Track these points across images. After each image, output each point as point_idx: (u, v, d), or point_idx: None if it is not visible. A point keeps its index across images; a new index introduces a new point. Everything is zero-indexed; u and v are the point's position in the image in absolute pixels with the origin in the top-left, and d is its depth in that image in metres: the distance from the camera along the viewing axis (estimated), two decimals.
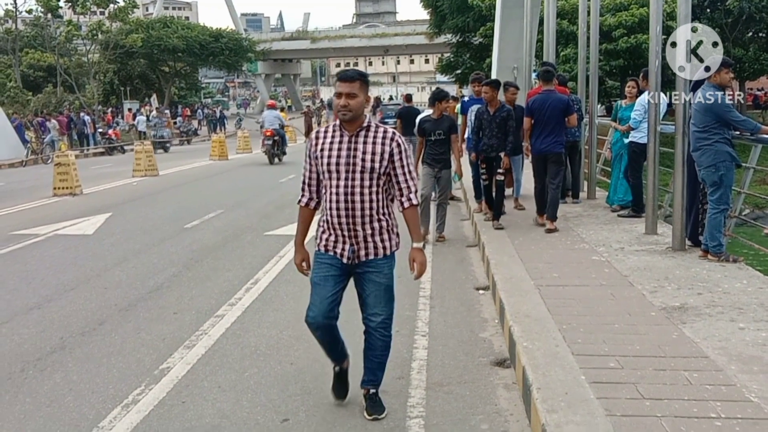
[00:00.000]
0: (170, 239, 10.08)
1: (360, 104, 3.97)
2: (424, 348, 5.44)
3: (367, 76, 4.08)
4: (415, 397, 4.54)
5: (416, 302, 6.63)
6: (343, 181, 3.98)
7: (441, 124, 9.05)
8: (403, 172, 4.06)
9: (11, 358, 5.44)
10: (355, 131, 4.02)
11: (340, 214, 4.00)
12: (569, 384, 4.17)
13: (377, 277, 4.11)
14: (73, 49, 45.64)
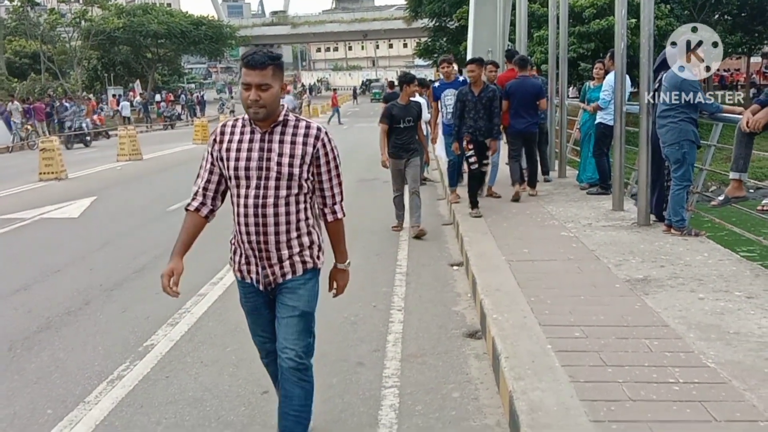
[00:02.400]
0: (154, 222, 10.06)
1: (274, 96, 3.04)
2: (400, 322, 5.50)
3: (280, 57, 3.13)
4: (390, 368, 4.60)
5: (392, 278, 6.70)
6: (254, 190, 3.09)
7: (410, 111, 8.38)
8: (329, 178, 3.23)
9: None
10: (269, 127, 3.12)
11: (249, 231, 3.13)
12: (536, 353, 4.25)
13: (290, 300, 3.22)
14: (56, 36, 45.01)
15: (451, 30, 39.29)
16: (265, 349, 3.49)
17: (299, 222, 3.19)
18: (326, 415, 3.97)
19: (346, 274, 3.49)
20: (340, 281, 3.46)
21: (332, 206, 3.30)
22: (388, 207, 10.82)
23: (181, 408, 4.11)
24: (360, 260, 7.39)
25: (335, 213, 3.32)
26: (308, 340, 3.30)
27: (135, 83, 48.98)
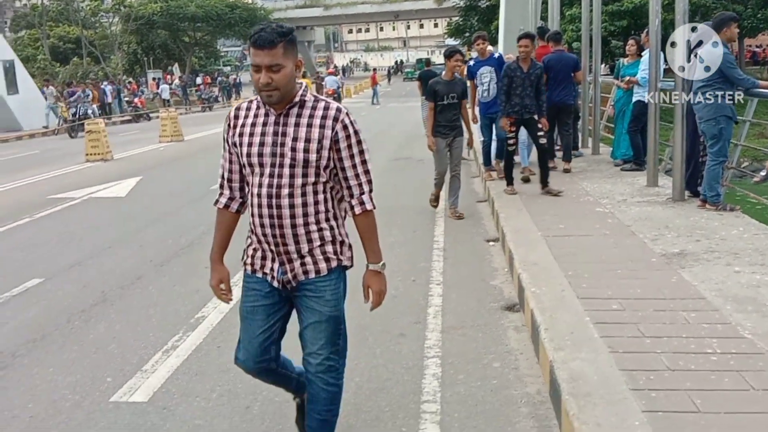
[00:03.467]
0: (198, 200, 10.21)
1: (288, 77, 2.66)
2: (439, 295, 5.55)
3: (291, 32, 2.69)
4: (431, 339, 4.66)
5: (430, 254, 6.74)
6: (267, 178, 2.74)
7: (454, 87, 7.91)
8: (353, 164, 2.80)
9: (58, 310, 5.60)
10: (284, 109, 2.75)
11: (263, 223, 2.77)
12: (575, 325, 4.27)
13: (316, 304, 2.87)
14: (98, 21, 45.51)
15: (482, 9, 38.92)
16: (244, 367, 3.05)
17: (318, 214, 2.79)
18: (371, 383, 4.05)
19: (381, 278, 2.93)
20: (374, 285, 2.92)
21: (359, 196, 2.83)
22: (423, 185, 10.84)
23: (233, 376, 4.21)
24: (398, 237, 7.48)
25: (363, 204, 2.84)
26: (338, 343, 2.94)
27: (173, 66, 49.33)
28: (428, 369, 4.20)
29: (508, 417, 3.59)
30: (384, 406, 3.76)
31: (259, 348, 2.96)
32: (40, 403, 4.00)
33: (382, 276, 2.96)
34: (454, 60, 7.97)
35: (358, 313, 5.14)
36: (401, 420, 3.61)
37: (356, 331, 4.82)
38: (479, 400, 3.79)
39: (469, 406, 3.72)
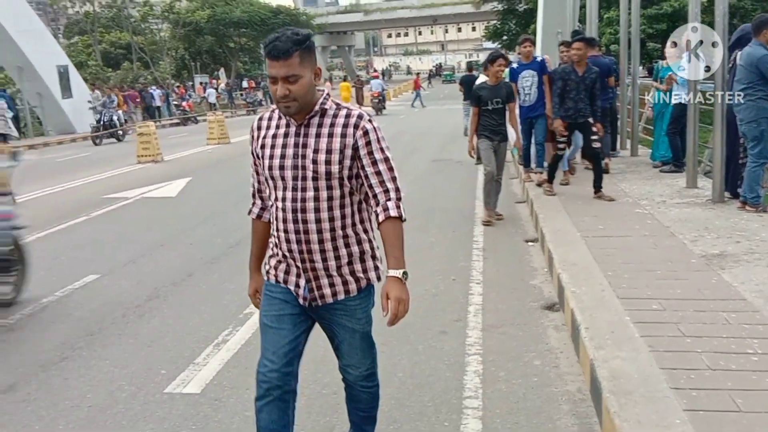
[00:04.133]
0: (244, 200, 10.24)
1: (306, 87, 2.50)
2: (479, 294, 5.56)
3: (308, 38, 2.52)
4: (472, 337, 4.67)
5: (470, 253, 6.74)
6: (291, 192, 2.60)
7: (499, 92, 7.68)
8: (376, 171, 2.60)
9: (113, 305, 5.74)
10: (304, 119, 2.59)
11: (290, 239, 2.63)
12: (615, 324, 4.25)
13: (349, 322, 2.76)
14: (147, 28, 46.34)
15: (520, 12, 38.64)
16: (267, 381, 2.71)
17: (346, 228, 2.64)
18: (414, 378, 4.08)
19: (401, 287, 2.57)
20: (393, 291, 2.55)
21: (384, 203, 2.60)
22: (462, 185, 10.88)
23: None
24: (437, 237, 7.50)
25: (387, 210, 2.59)
26: (373, 354, 2.92)
27: (219, 71, 49.95)
28: (469, 366, 4.21)
29: (549, 414, 3.59)
30: (427, 401, 3.79)
31: (285, 358, 2.70)
32: (99, 394, 4.11)
33: (404, 285, 2.58)
34: (497, 65, 7.76)
35: None
36: (444, 414, 3.63)
37: (398, 328, 4.76)
38: (520, 396, 3.79)
39: (511, 402, 3.73)
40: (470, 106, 8.07)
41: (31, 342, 5.02)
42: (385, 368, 4.20)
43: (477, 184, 10.75)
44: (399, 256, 2.59)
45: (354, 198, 2.66)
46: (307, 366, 4.30)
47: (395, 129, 22.89)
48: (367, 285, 2.75)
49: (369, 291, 2.78)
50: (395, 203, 2.62)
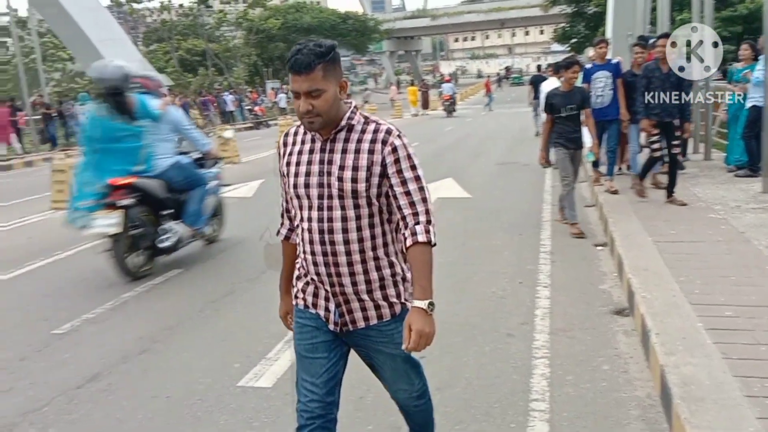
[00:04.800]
0: None
1: (330, 102, 2.34)
2: (547, 297, 5.48)
3: (332, 50, 2.34)
4: (539, 340, 4.61)
5: (537, 257, 6.66)
6: (317, 212, 2.43)
7: (573, 98, 7.30)
8: (405, 191, 2.39)
9: (191, 299, 5.92)
10: (330, 134, 2.43)
11: (317, 261, 2.46)
12: (687, 330, 4.13)
13: (386, 347, 2.58)
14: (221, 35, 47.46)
15: (589, 15, 37.90)
16: (308, 411, 2.54)
17: (376, 249, 2.46)
18: (481, 380, 4.06)
19: (425, 319, 2.33)
20: (415, 323, 2.32)
21: (413, 226, 2.37)
22: (528, 188, 10.76)
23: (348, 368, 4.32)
24: (504, 239, 7.45)
25: (414, 235, 2.36)
26: (420, 373, 2.74)
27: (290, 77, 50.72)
28: (536, 369, 4.17)
29: (617, 419, 3.52)
30: (493, 402, 3.77)
31: (325, 388, 2.54)
32: (176, 385, 4.24)
33: (430, 317, 2.35)
34: (571, 71, 7.40)
35: (467, 311, 5.23)
36: (510, 416, 3.61)
37: (465, 329, 4.87)
38: (588, 401, 3.73)
39: (579, 406, 3.67)
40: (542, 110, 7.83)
41: (113, 334, 5.22)
42: (452, 369, 4.23)
43: (544, 187, 10.64)
44: (426, 286, 2.37)
45: (384, 217, 2.47)
46: None
47: (462, 132, 22.82)
48: (402, 310, 2.52)
49: (404, 316, 2.46)
50: (424, 227, 2.37)
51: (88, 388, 4.26)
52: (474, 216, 8.80)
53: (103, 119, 6.51)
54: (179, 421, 3.79)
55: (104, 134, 6.50)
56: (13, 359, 4.81)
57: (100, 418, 3.86)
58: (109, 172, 6.44)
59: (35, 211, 11.15)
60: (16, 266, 7.42)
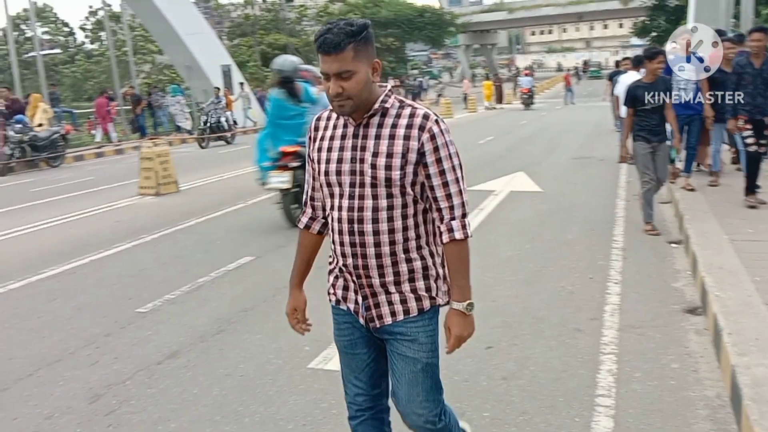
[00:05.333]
0: None
1: (362, 84, 2.16)
2: (617, 294, 5.37)
3: (363, 30, 2.15)
4: (608, 336, 4.52)
5: (609, 252, 6.52)
6: (347, 200, 2.26)
7: (656, 88, 6.89)
8: (443, 182, 2.23)
9: (265, 285, 6.07)
10: (363, 119, 2.24)
11: (345, 252, 2.30)
12: (761, 330, 3.98)
13: (407, 349, 2.33)
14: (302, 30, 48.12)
15: (671, 8, 36.61)
16: (356, 404, 2.51)
17: (408, 241, 2.27)
18: (546, 373, 4.02)
19: (465, 321, 2.30)
20: (455, 327, 2.29)
21: (449, 222, 2.25)
22: (602, 183, 10.53)
23: None
24: (576, 234, 7.32)
25: (451, 231, 2.25)
26: (439, 399, 2.40)
27: None
28: (603, 365, 4.09)
29: (685, 418, 3.43)
30: (558, 396, 3.73)
31: (370, 381, 2.47)
32: (250, 365, 4.37)
33: (468, 319, 2.30)
34: (657, 62, 6.97)
35: (536, 305, 5.18)
36: (575, 410, 3.56)
37: (533, 322, 4.83)
38: (655, 398, 3.64)
39: (645, 403, 3.59)
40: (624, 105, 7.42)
41: (191, 315, 5.41)
42: (518, 360, 4.21)
43: (619, 182, 10.40)
44: (464, 285, 2.28)
45: (419, 207, 2.28)
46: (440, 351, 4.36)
47: (538, 125, 22.48)
48: (431, 307, 2.33)
49: (434, 313, 2.35)
50: (460, 222, 2.25)
51: (168, 365, 4.43)
52: (545, 210, 8.68)
53: (280, 101, 8.11)
54: (251, 398, 3.91)
55: (280, 113, 8.15)
56: (100, 335, 5.05)
57: (177, 392, 4.02)
58: (282, 141, 8.06)
59: (123, 196, 11.64)
60: (104, 248, 7.78)
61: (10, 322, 5.43)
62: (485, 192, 9.96)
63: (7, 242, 8.53)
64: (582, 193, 9.76)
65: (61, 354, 4.70)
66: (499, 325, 4.81)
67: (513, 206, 9.04)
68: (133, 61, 30.07)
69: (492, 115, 30.52)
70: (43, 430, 3.63)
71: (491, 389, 3.84)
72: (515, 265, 6.32)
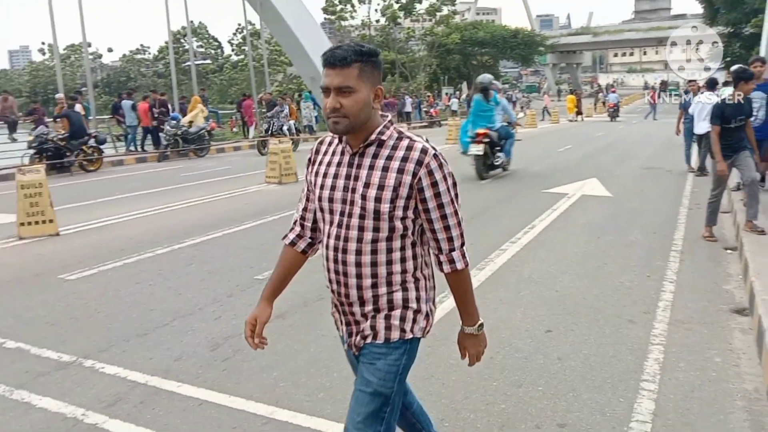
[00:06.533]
0: (468, 191, 10.48)
1: (361, 104, 1.87)
2: (671, 292, 5.12)
3: (374, 55, 1.91)
4: (658, 329, 4.34)
5: (668, 254, 6.22)
6: (335, 229, 1.97)
7: (742, 108, 6.47)
8: (441, 215, 1.94)
9: None
10: (359, 147, 1.94)
11: (330, 278, 2.03)
12: None
13: (366, 370, 1.98)
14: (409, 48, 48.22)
15: (746, 36, 34.18)
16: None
17: (391, 275, 1.95)
18: (598, 357, 3.90)
19: (477, 340, 2.10)
20: (470, 347, 2.11)
21: (449, 253, 1.97)
22: (667, 191, 10.04)
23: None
24: (638, 237, 7.03)
25: (452, 263, 1.98)
26: (378, 428, 1.95)
27: (462, 84, 50.53)
28: (651, 354, 3.93)
29: (722, 406, 3.25)
30: (606, 378, 3.62)
31: None
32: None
33: (480, 337, 2.11)
34: (751, 83, 6.52)
35: (594, 296, 5.04)
36: (621, 392, 3.45)
37: (590, 312, 4.70)
38: (696, 387, 3.47)
39: (686, 391, 3.43)
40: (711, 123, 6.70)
41: (298, 284, 5.43)
42: (573, 344, 4.11)
43: (684, 192, 9.88)
44: (472, 312, 2.07)
45: (407, 241, 1.95)
46: (503, 331, 4.33)
47: (614, 137, 21.62)
48: (399, 339, 1.97)
49: (400, 345, 1.97)
50: (460, 252, 1.98)
51: (276, 323, 4.58)
52: (612, 213, 8.37)
53: (479, 101, 11.73)
54: (341, 356, 3.93)
55: (479, 108, 11.76)
56: (223, 295, 5.31)
57: (281, 347, 4.18)
58: (478, 126, 11.54)
59: (253, 183, 12.12)
60: (235, 224, 8.14)
61: (155, 280, 5.80)
62: (559, 194, 9.71)
63: (159, 216, 9.08)
64: (648, 200, 9.33)
65: (191, 309, 4.98)
66: (560, 312, 4.70)
67: (583, 208, 8.76)
68: (268, 72, 31.09)
69: (572, 126, 29.55)
70: (173, 369, 3.87)
71: (546, 367, 3.78)
72: (579, 260, 6.14)
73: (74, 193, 11.37)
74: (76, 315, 4.93)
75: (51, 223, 7.82)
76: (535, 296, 5.08)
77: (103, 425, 3.21)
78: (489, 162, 11.71)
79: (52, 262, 6.54)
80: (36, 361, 4.04)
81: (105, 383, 3.68)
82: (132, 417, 3.28)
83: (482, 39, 51.44)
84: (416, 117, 35.61)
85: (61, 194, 9.87)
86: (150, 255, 6.70)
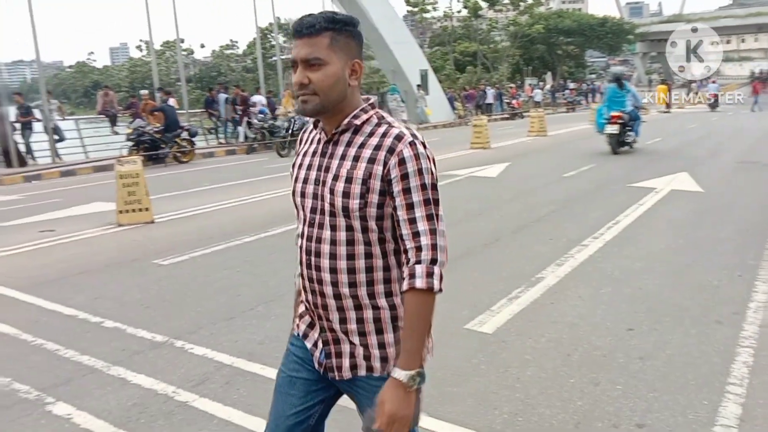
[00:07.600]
0: (552, 184, 10.25)
1: (332, 80, 1.58)
2: (764, 293, 4.82)
3: (348, 23, 1.60)
4: (748, 331, 4.10)
5: (762, 253, 5.86)
6: (308, 228, 1.67)
7: None
8: (408, 218, 1.57)
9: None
10: (332, 133, 1.65)
11: (305, 285, 1.70)
12: None
13: (364, 398, 1.70)
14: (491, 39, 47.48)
15: None
16: None
17: (373, 285, 1.63)
18: (682, 357, 3.75)
19: (401, 397, 1.55)
20: (388, 403, 1.55)
21: (412, 266, 1.56)
22: (763, 188, 9.44)
23: (560, 328, 4.26)
24: (730, 233, 6.69)
25: (412, 278, 1.56)
26: None
27: (546, 75, 49.21)
28: (739, 356, 3.73)
29: None
30: (690, 379, 3.47)
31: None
32: None
33: (409, 395, 1.56)
34: None
35: (680, 295, 4.85)
36: (705, 394, 3.30)
37: (675, 311, 4.52)
38: None
39: None
40: None
41: None
42: (656, 343, 3.98)
43: None
44: (413, 350, 1.57)
45: (388, 246, 1.63)
46: (582, 328, 4.23)
47: (707, 129, 20.52)
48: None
49: None
50: (425, 268, 1.55)
51: None
52: (703, 209, 7.95)
53: (613, 89, 14.03)
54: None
55: (613, 95, 13.93)
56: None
57: None
58: (612, 110, 13.65)
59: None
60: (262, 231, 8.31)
61: (242, 267, 6.04)
62: (646, 189, 9.32)
63: (246, 206, 9.43)
64: (741, 196, 8.80)
65: (274, 295, 5.15)
66: (643, 310, 4.54)
67: (672, 204, 8.38)
68: None
69: (663, 118, 28.19)
70: (256, 352, 4.03)
71: (627, 366, 3.67)
72: (666, 257, 5.89)
73: (168, 183, 12.00)
74: (168, 298, 5.22)
75: (147, 211, 8.29)
76: (617, 293, 4.92)
77: (192, 403, 3.39)
78: (621, 139, 13.67)
79: (147, 248, 6.94)
80: (131, 340, 4.32)
81: (193, 363, 3.89)
82: (219, 396, 3.45)
83: (568, 28, 49.91)
84: (497, 108, 35.00)
85: (156, 184, 10.43)
86: (237, 243, 6.96)
